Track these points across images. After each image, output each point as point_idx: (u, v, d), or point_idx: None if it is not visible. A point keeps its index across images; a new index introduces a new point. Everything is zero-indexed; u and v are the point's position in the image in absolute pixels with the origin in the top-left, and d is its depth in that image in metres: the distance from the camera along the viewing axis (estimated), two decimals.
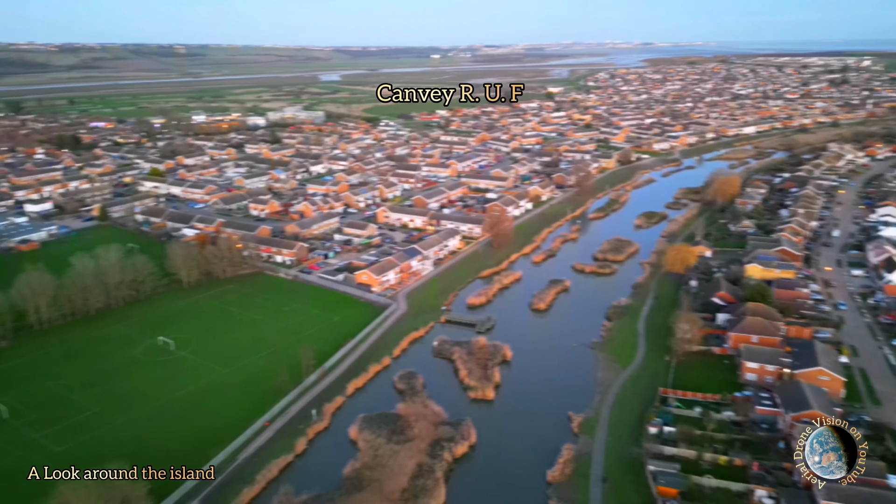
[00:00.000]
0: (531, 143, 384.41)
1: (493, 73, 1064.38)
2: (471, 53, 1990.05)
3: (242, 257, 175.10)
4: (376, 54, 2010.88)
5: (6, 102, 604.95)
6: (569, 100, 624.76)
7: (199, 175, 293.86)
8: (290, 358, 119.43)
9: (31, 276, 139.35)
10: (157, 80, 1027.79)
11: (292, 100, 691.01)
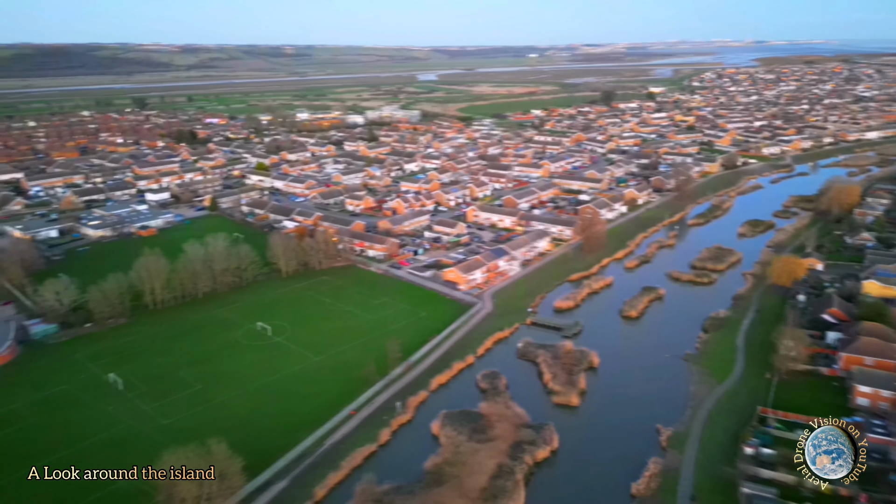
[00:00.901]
0: (629, 144, 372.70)
1: (592, 73, 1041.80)
2: (569, 52, 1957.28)
3: (337, 250, 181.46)
4: (473, 54, 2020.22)
5: (133, 99, 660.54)
6: (671, 100, 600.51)
7: (300, 170, 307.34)
8: (377, 350, 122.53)
9: (149, 260, 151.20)
10: (266, 80, 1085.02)
11: (390, 99, 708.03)
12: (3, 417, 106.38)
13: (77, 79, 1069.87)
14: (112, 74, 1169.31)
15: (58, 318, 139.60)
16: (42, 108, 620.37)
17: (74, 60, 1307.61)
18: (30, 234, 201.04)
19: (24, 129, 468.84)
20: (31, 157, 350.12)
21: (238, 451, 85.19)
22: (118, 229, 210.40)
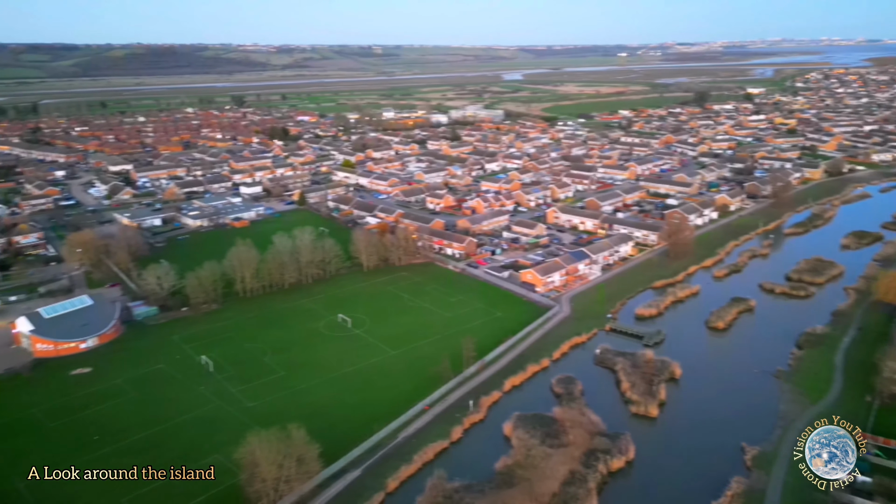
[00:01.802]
0: (722, 147, 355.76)
1: (685, 72, 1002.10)
2: (661, 51, 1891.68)
3: (416, 247, 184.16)
4: (561, 53, 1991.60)
5: (233, 97, 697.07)
6: (771, 102, 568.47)
7: (384, 168, 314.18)
8: (452, 347, 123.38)
9: (241, 250, 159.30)
10: (355, 79, 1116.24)
11: (474, 98, 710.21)
12: (107, 390, 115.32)
13: (183, 77, 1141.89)
14: (214, 73, 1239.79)
15: (158, 302, 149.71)
16: (151, 105, 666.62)
17: (181, 60, 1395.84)
18: (136, 221, 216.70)
19: (135, 124, 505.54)
20: (140, 151, 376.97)
21: (316, 438, 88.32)
22: (214, 220, 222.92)
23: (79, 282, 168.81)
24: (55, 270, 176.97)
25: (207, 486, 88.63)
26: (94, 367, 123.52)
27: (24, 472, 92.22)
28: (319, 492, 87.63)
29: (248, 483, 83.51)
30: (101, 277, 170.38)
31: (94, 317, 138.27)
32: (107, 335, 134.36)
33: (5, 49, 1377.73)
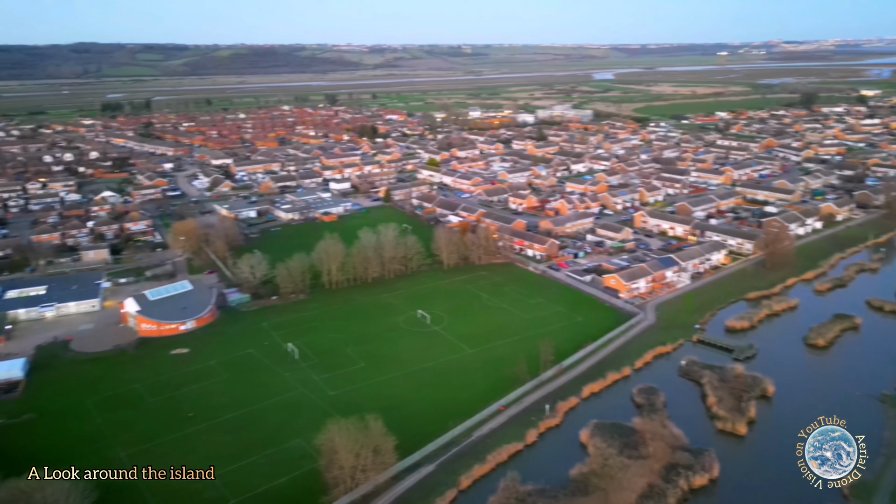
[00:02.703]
0: (830, 153, 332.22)
1: (791, 73, 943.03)
2: (766, 50, 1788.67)
3: (497, 247, 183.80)
4: (656, 52, 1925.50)
5: (326, 95, 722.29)
6: (888, 105, 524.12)
7: (468, 167, 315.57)
8: (529, 349, 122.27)
9: (328, 244, 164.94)
10: (443, 78, 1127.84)
11: (562, 98, 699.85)
12: (202, 371, 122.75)
13: (281, 76, 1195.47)
14: (310, 73, 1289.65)
15: (250, 289, 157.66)
16: (251, 103, 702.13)
17: (280, 60, 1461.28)
18: (234, 213, 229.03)
19: (236, 120, 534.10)
20: (240, 146, 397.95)
21: (392, 430, 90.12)
22: (305, 214, 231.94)
23: (181, 267, 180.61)
24: (160, 256, 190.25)
25: (289, 468, 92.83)
26: (192, 348, 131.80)
27: (127, 442, 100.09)
28: (394, 483, 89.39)
29: (326, 469, 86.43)
30: (200, 264, 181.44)
31: (193, 301, 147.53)
32: (203, 319, 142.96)
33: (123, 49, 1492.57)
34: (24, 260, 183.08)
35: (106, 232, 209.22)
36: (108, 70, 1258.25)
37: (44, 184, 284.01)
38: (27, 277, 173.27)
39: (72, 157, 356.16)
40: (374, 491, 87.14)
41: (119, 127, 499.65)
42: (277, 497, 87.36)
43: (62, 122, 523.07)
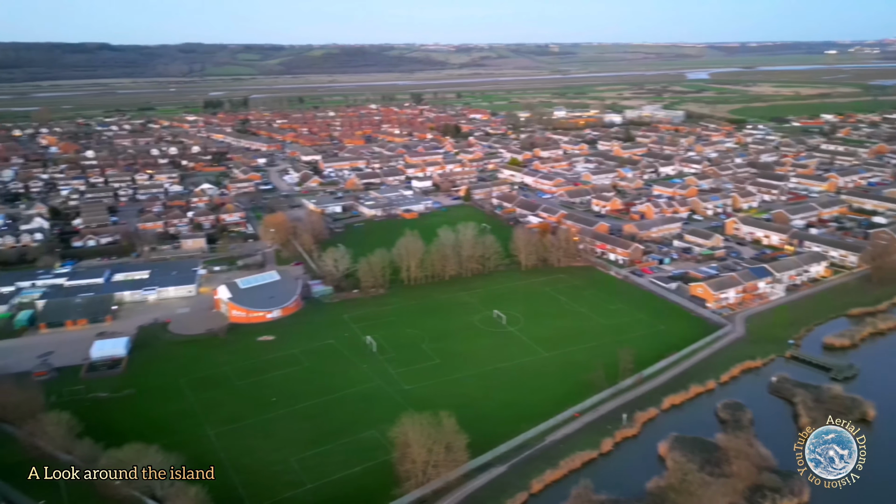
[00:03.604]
0: None
1: None
2: (880, 49, 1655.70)
3: (577, 250, 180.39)
4: (756, 50, 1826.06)
5: (412, 94, 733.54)
6: None
7: (550, 167, 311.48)
8: (608, 356, 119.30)
9: (408, 240, 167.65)
10: (529, 77, 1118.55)
11: (652, 98, 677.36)
12: (286, 358, 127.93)
13: (370, 75, 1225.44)
14: (397, 72, 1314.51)
15: (333, 282, 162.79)
16: (340, 101, 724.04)
17: (370, 59, 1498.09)
18: (320, 207, 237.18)
19: (326, 118, 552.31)
20: (328, 143, 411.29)
21: (465, 428, 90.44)
22: (387, 210, 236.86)
23: (270, 258, 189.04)
24: (252, 247, 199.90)
25: (363, 458, 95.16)
26: (277, 335, 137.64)
27: (215, 421, 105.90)
28: (465, 481, 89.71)
29: (399, 462, 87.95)
30: (287, 256, 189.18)
31: (280, 291, 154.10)
32: (289, 308, 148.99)
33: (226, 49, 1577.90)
34: (131, 246, 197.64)
35: (203, 222, 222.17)
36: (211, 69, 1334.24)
37: (150, 175, 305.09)
38: (132, 262, 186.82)
39: (176, 150, 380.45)
40: (445, 487, 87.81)
41: (219, 123, 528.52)
42: (352, 485, 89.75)
43: (168, 118, 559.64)
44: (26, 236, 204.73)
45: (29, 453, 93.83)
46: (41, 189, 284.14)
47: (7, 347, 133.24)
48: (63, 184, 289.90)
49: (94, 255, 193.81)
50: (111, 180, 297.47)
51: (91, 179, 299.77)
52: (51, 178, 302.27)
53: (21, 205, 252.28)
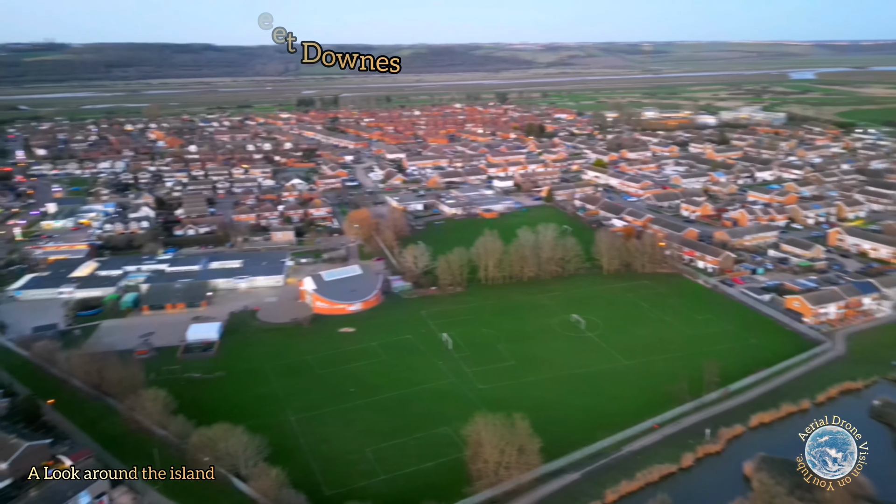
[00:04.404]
0: None
1: None
2: None
3: (663, 256, 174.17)
4: (869, 49, 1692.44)
5: (497, 94, 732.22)
6: None
7: (637, 169, 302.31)
8: (692, 368, 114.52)
9: (487, 240, 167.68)
10: (618, 77, 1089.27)
11: (751, 99, 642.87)
12: (365, 350, 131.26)
13: (456, 75, 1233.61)
14: (483, 71, 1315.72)
15: (412, 278, 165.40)
16: (426, 100, 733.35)
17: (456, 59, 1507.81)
18: (403, 205, 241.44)
19: (411, 117, 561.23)
20: (412, 141, 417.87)
21: (538, 432, 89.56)
22: (467, 209, 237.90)
23: (353, 253, 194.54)
24: (336, 241, 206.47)
25: (436, 454, 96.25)
26: (357, 328, 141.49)
27: (297, 407, 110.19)
28: (537, 485, 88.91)
29: (471, 460, 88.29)
30: (370, 251, 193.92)
31: (362, 285, 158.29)
32: (369, 302, 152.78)
33: None
34: (226, 236, 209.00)
35: (293, 216, 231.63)
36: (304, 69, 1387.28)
37: (246, 170, 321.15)
38: (227, 252, 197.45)
39: (270, 146, 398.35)
40: (517, 489, 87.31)
41: (310, 121, 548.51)
42: (424, 480, 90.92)
43: (264, 115, 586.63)
44: (134, 224, 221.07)
45: (128, 426, 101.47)
46: (148, 180, 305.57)
47: (114, 326, 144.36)
48: (168, 176, 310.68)
49: (193, 243, 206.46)
50: (211, 174, 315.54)
51: (193, 172, 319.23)
52: (157, 170, 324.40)
53: (130, 195, 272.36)
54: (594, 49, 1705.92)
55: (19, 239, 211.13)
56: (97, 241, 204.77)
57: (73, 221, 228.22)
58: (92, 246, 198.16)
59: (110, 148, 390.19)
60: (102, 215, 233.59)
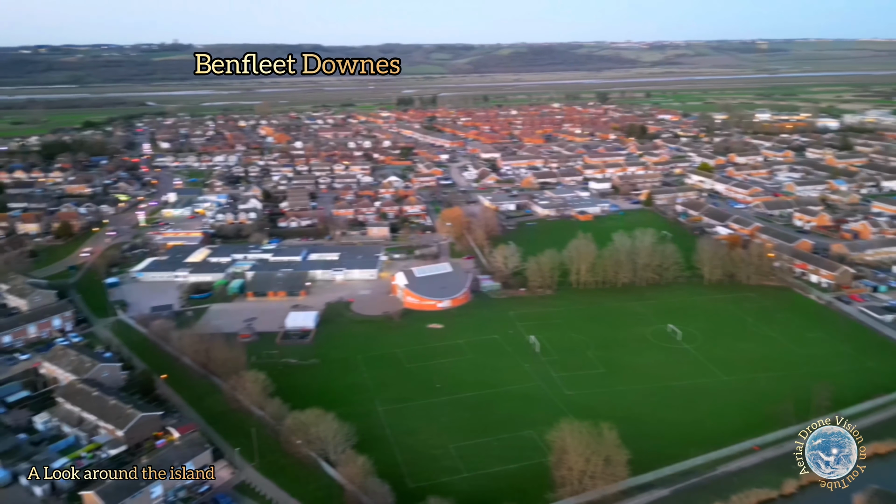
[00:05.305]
0: None
1: None
2: None
3: (772, 268, 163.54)
4: None
5: (597, 93, 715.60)
6: None
7: (747, 175, 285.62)
8: (799, 389, 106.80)
9: (580, 243, 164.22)
10: (729, 76, 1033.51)
11: (879, 101, 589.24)
12: (452, 347, 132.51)
13: (556, 74, 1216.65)
14: (584, 70, 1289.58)
15: (502, 278, 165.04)
16: (523, 100, 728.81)
17: (557, 58, 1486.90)
18: (495, 204, 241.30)
19: (507, 116, 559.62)
20: (508, 141, 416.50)
21: (626, 443, 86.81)
22: (561, 211, 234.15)
23: (444, 250, 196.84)
24: (429, 238, 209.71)
25: (520, 457, 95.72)
26: (445, 324, 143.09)
27: (385, 398, 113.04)
28: (622, 498, 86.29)
29: (555, 466, 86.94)
30: (460, 249, 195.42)
31: (452, 282, 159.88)
32: (458, 300, 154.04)
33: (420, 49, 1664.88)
34: (326, 229, 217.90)
35: (388, 212, 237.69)
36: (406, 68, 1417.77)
37: (346, 166, 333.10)
38: (325, 244, 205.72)
39: (369, 144, 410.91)
40: (601, 500, 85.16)
41: (408, 119, 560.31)
42: (506, 481, 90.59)
43: (365, 114, 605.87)
44: (243, 214, 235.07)
45: (230, 404, 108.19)
46: (257, 174, 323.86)
47: (221, 310, 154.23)
48: (275, 170, 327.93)
49: (295, 235, 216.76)
50: (314, 169, 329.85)
51: (297, 167, 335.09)
52: (266, 164, 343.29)
53: (241, 187, 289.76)
54: (704, 47, 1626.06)
55: (143, 225, 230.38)
56: (210, 229, 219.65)
57: (190, 210, 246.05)
58: (205, 234, 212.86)
59: (225, 143, 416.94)
60: (215, 205, 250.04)
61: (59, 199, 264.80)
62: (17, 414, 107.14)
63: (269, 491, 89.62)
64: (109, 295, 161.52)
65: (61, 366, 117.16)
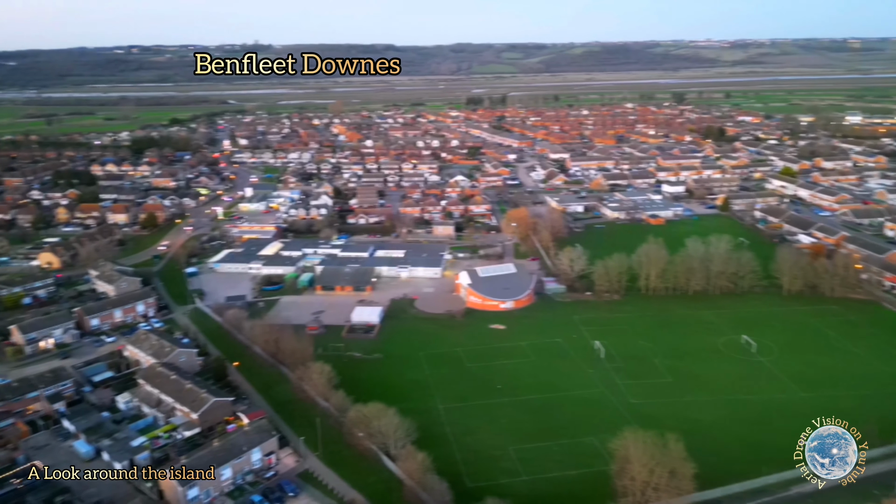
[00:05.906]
0: None
1: None
2: None
3: (858, 280, 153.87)
4: None
5: (673, 94, 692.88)
6: None
7: (834, 181, 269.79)
8: (885, 410, 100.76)
9: (651, 248, 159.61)
10: (817, 77, 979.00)
11: None
12: (513, 349, 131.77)
13: (630, 74, 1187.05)
14: (660, 70, 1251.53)
15: (567, 281, 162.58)
16: (595, 100, 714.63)
17: (631, 57, 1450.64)
18: (562, 206, 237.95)
19: (578, 116, 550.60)
20: (578, 141, 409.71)
21: (693, 456, 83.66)
22: (631, 214, 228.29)
23: (509, 251, 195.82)
24: (493, 238, 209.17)
25: (580, 463, 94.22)
26: (508, 326, 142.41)
27: (445, 396, 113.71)
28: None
29: (617, 476, 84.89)
30: (525, 250, 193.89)
31: (515, 283, 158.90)
32: (521, 301, 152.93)
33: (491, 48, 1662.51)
34: (392, 227, 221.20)
35: (454, 211, 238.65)
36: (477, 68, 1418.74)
37: (414, 165, 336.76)
38: (392, 241, 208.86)
39: (438, 143, 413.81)
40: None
41: (477, 119, 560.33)
42: (567, 488, 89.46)
43: (434, 113, 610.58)
44: (314, 210, 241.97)
45: (296, 394, 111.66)
46: (329, 171, 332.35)
47: (291, 302, 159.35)
48: (345, 168, 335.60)
49: (363, 231, 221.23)
50: (383, 167, 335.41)
51: (367, 165, 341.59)
52: (337, 162, 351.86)
53: (313, 183, 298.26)
54: (790, 46, 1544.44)
55: (220, 218, 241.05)
56: (283, 224, 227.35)
57: (265, 205, 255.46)
58: (278, 228, 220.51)
59: (299, 140, 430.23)
60: (289, 201, 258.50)
61: (146, 192, 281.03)
62: (102, 393, 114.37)
63: (331, 481, 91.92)
64: (188, 284, 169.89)
65: (143, 349, 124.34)
